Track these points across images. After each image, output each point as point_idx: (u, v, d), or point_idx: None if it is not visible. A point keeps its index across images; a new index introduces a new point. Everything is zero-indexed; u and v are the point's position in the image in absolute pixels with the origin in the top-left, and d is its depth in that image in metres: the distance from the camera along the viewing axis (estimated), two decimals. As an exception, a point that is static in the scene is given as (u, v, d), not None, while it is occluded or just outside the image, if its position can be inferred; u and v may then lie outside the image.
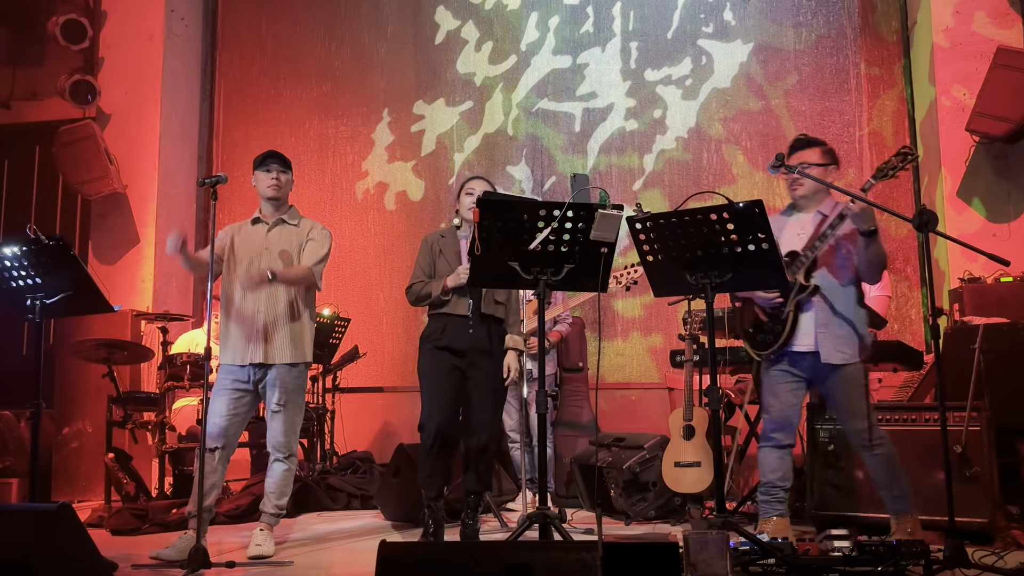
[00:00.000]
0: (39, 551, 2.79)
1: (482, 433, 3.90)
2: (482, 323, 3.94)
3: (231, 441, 3.94)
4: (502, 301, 4.01)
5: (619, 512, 4.82)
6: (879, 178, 3.45)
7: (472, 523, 3.95)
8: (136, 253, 6.69)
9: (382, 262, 6.96)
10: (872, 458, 3.57)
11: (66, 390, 6.11)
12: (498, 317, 4.01)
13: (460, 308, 3.93)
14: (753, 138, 6.49)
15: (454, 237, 4.10)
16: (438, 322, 3.98)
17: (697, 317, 4.68)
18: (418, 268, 4.09)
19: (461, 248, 4.03)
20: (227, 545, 3.96)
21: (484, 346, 3.93)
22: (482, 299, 3.93)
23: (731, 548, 2.84)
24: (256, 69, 7.37)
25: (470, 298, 3.90)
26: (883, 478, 3.58)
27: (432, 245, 4.10)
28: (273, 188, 4.01)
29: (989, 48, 5.47)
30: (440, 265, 4.03)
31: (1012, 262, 3.67)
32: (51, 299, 3.52)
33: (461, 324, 3.92)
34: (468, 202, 4.02)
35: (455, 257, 4.03)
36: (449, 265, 4.00)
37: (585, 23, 6.86)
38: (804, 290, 3.56)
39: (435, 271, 4.03)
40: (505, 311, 4.04)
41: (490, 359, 3.94)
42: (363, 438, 6.64)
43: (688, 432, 4.49)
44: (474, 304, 3.91)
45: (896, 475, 3.57)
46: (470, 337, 3.91)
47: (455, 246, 4.06)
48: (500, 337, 4.01)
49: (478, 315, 3.92)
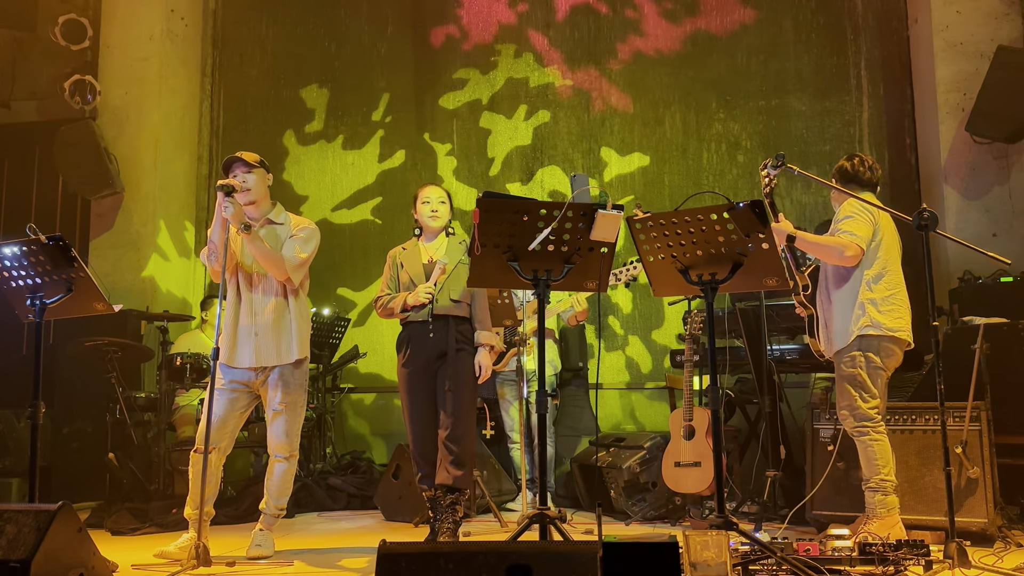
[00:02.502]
0: (39, 551, 2.79)
1: (453, 430, 3.94)
2: (441, 325, 4.02)
3: (228, 442, 3.94)
4: (459, 300, 4.05)
5: (619, 512, 4.82)
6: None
7: (441, 521, 3.96)
8: (136, 253, 6.69)
9: (382, 262, 6.90)
10: (860, 442, 3.70)
11: (66, 390, 6.10)
12: (459, 316, 4.06)
13: (419, 314, 4.04)
14: (753, 138, 6.49)
15: (415, 248, 4.20)
16: (404, 332, 4.12)
17: (697, 317, 4.68)
18: (383, 282, 4.24)
19: (424, 262, 4.13)
20: (227, 545, 3.95)
21: (443, 346, 4.01)
22: (435, 302, 4.00)
23: (731, 548, 2.84)
24: (256, 69, 7.37)
25: (428, 303, 4.01)
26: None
27: (395, 258, 4.24)
28: (244, 193, 3.89)
29: (989, 48, 5.47)
30: (402, 277, 4.14)
31: (1012, 262, 3.68)
32: (51, 299, 3.52)
33: (422, 330, 4.04)
34: (426, 211, 4.16)
35: (416, 269, 4.12)
36: (410, 277, 4.11)
37: (586, 23, 6.86)
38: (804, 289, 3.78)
39: (398, 285, 4.16)
40: (470, 309, 4.10)
41: (452, 357, 4.00)
42: (363, 438, 6.64)
43: (688, 432, 4.49)
44: (429, 306, 4.00)
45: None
46: (431, 342, 4.01)
47: (416, 257, 4.15)
48: (464, 335, 4.07)
49: (436, 318, 4.01)
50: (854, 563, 3.06)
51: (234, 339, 3.91)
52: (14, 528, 2.85)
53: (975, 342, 4.12)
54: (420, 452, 4.04)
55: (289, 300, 3.95)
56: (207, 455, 3.62)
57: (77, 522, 3.03)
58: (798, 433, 4.71)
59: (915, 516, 3.88)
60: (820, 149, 6.37)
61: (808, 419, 4.35)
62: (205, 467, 3.58)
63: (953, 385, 3.84)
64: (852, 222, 3.64)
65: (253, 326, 3.90)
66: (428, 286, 4.00)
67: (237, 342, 3.91)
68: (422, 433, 4.04)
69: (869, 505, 3.61)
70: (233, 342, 3.91)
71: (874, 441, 3.60)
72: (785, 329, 4.83)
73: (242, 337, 3.91)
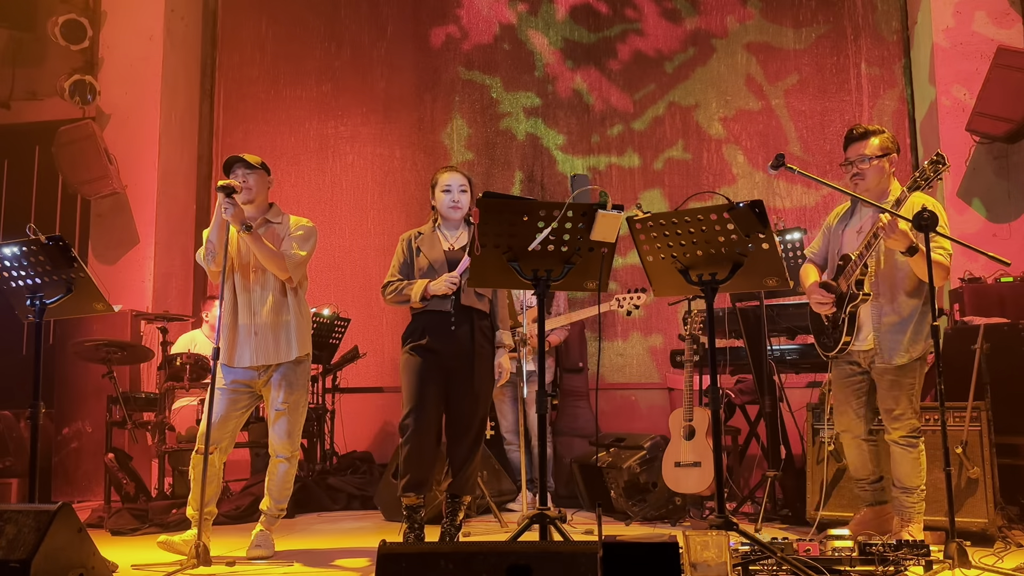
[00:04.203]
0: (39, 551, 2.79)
1: (465, 438, 3.79)
2: (464, 318, 3.79)
3: (229, 442, 3.94)
4: (484, 293, 3.86)
5: (619, 512, 4.82)
6: (912, 189, 3.39)
7: (451, 527, 3.88)
8: (136, 253, 6.69)
9: (382, 262, 6.91)
10: (910, 451, 3.59)
11: (66, 390, 6.10)
12: (481, 310, 3.85)
13: (441, 304, 3.78)
14: (753, 138, 6.49)
15: (433, 235, 3.94)
16: (418, 321, 3.83)
17: (697, 317, 4.68)
18: (394, 266, 3.93)
19: (444, 248, 3.88)
20: (227, 545, 3.95)
21: (467, 346, 3.77)
22: (462, 291, 3.77)
23: (731, 548, 2.84)
24: (256, 69, 7.37)
25: (451, 294, 3.77)
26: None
27: (409, 242, 3.93)
28: (245, 192, 3.89)
29: (989, 48, 5.47)
30: (420, 263, 3.87)
31: (1012, 262, 3.68)
32: (51, 299, 3.52)
33: (442, 321, 3.77)
34: (446, 200, 3.88)
35: (437, 255, 3.86)
36: (429, 263, 3.85)
37: (586, 21, 6.86)
38: (855, 298, 3.58)
39: (413, 270, 3.88)
40: (491, 304, 3.91)
41: (474, 360, 3.79)
42: (363, 438, 6.64)
43: (688, 432, 4.49)
44: (455, 298, 3.77)
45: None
46: (452, 335, 3.76)
47: (437, 243, 3.90)
48: (485, 334, 3.86)
49: (459, 309, 3.77)
50: (854, 563, 3.06)
51: (233, 339, 3.91)
52: (14, 528, 2.85)
53: (975, 342, 4.12)
54: (416, 448, 3.71)
55: (288, 298, 3.95)
56: (207, 455, 3.63)
57: (77, 522, 3.03)
58: (798, 433, 4.70)
59: (915, 516, 3.89)
60: (820, 149, 6.38)
61: (808, 419, 4.36)
62: (205, 467, 3.58)
63: (953, 385, 3.84)
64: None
65: (252, 325, 3.90)
66: (453, 275, 3.73)
67: (237, 342, 3.90)
68: (425, 431, 3.73)
69: (907, 509, 3.57)
70: (233, 342, 3.91)
71: (921, 451, 3.58)
72: (785, 329, 4.83)
73: (241, 337, 3.90)
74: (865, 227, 3.65)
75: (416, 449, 3.71)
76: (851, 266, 3.58)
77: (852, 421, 3.74)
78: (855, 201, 3.79)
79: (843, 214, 3.84)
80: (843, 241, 3.75)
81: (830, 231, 3.85)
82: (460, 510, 3.88)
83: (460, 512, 3.89)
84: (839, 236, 3.78)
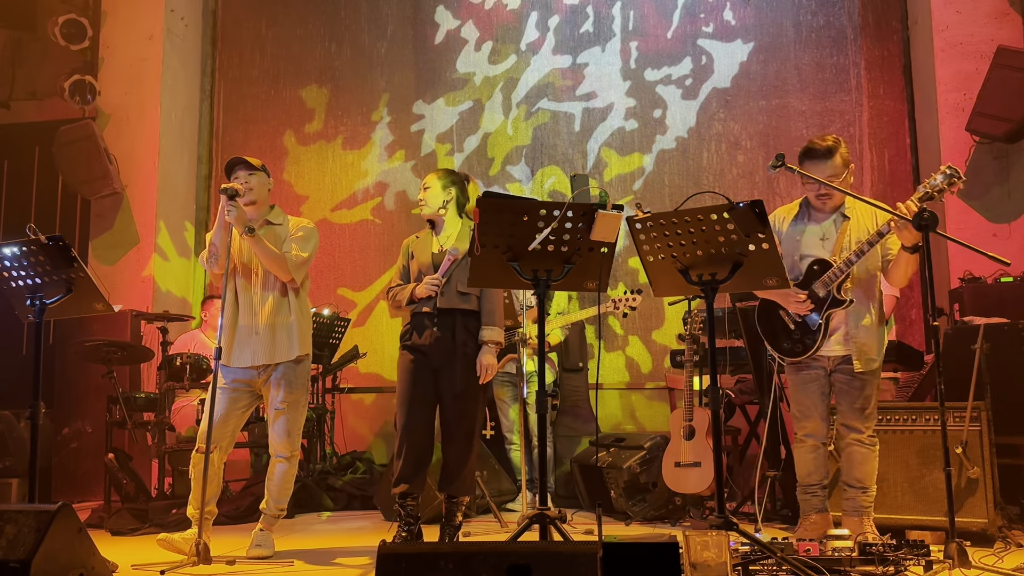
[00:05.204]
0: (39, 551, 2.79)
1: (455, 437, 3.87)
2: (446, 318, 3.89)
3: (229, 441, 3.95)
4: (467, 292, 3.90)
5: (619, 512, 4.82)
6: (924, 200, 3.35)
7: (451, 527, 3.92)
8: (136, 253, 6.69)
9: (382, 262, 6.96)
10: (872, 449, 3.62)
11: (66, 390, 6.10)
12: (466, 310, 3.91)
13: (425, 306, 3.93)
14: (753, 138, 6.49)
15: (427, 238, 4.09)
16: (409, 324, 4.01)
17: (697, 317, 4.68)
18: (396, 273, 4.15)
19: (434, 251, 4.00)
20: (228, 545, 3.95)
21: (448, 345, 3.88)
22: (442, 293, 3.88)
23: (731, 548, 2.84)
24: (256, 69, 7.37)
25: (434, 295, 3.90)
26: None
27: (407, 248, 4.14)
28: (247, 194, 3.90)
29: (989, 48, 5.47)
30: (412, 268, 4.05)
31: (1012, 262, 3.68)
32: (51, 299, 3.52)
33: (427, 322, 3.92)
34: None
35: (424, 259, 4.00)
36: (418, 268, 4.01)
37: (585, 23, 6.87)
38: (839, 303, 3.57)
39: (409, 274, 4.07)
40: (478, 302, 3.95)
41: (455, 359, 3.88)
42: (363, 438, 6.64)
43: (688, 432, 4.49)
44: (434, 299, 3.89)
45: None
46: (434, 336, 3.87)
47: (427, 247, 4.04)
48: (470, 332, 3.92)
49: (440, 310, 3.88)
50: (854, 563, 3.06)
51: (234, 339, 3.91)
52: (14, 528, 2.85)
53: (975, 342, 4.12)
54: (405, 443, 3.84)
55: (289, 298, 3.96)
56: (208, 455, 3.63)
57: (77, 522, 3.03)
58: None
59: (915, 516, 3.89)
60: (820, 149, 6.37)
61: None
62: (206, 467, 3.59)
63: (953, 385, 3.84)
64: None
65: (253, 326, 3.91)
66: (435, 277, 3.89)
67: (237, 342, 3.91)
68: (413, 428, 3.87)
69: (865, 508, 3.61)
70: (233, 342, 3.91)
71: (877, 452, 3.63)
72: (785, 329, 4.82)
73: (242, 337, 3.91)
74: (829, 235, 3.63)
75: (405, 444, 3.86)
76: (833, 271, 3.55)
77: (818, 425, 3.71)
78: (804, 204, 3.74)
79: (794, 217, 3.75)
80: (802, 244, 3.67)
81: (782, 235, 3.74)
82: (459, 511, 3.91)
83: (459, 513, 3.91)
84: (795, 239, 3.70)
